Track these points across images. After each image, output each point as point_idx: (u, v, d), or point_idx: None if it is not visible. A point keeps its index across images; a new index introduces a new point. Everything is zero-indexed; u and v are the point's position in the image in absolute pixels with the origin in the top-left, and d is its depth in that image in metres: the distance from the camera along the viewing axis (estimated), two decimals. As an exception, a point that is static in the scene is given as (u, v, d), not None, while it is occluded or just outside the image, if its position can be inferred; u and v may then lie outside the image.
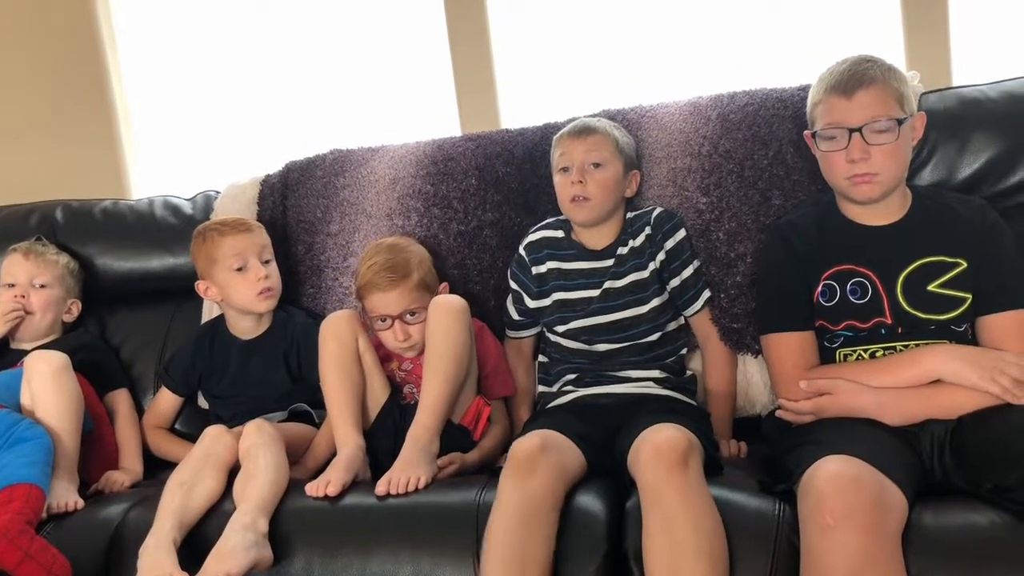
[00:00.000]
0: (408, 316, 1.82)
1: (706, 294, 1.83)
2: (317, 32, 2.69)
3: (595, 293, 1.82)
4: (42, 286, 2.08)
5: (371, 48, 2.67)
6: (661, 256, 1.81)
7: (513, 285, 1.93)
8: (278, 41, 2.72)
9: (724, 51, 2.43)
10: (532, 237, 1.92)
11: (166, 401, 2.07)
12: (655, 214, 1.84)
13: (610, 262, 1.83)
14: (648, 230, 1.83)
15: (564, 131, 1.88)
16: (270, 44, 2.73)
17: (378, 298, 1.83)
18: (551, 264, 1.87)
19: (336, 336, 1.79)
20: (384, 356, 1.87)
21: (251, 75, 2.76)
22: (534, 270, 1.89)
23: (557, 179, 1.86)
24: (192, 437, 1.81)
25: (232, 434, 1.72)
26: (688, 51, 2.46)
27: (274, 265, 1.99)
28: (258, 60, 2.75)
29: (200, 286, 2.01)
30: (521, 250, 1.92)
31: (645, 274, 1.81)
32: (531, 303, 1.89)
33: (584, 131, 1.84)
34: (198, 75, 2.79)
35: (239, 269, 1.94)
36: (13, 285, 2.07)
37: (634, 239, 1.83)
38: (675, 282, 1.82)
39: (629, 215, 1.88)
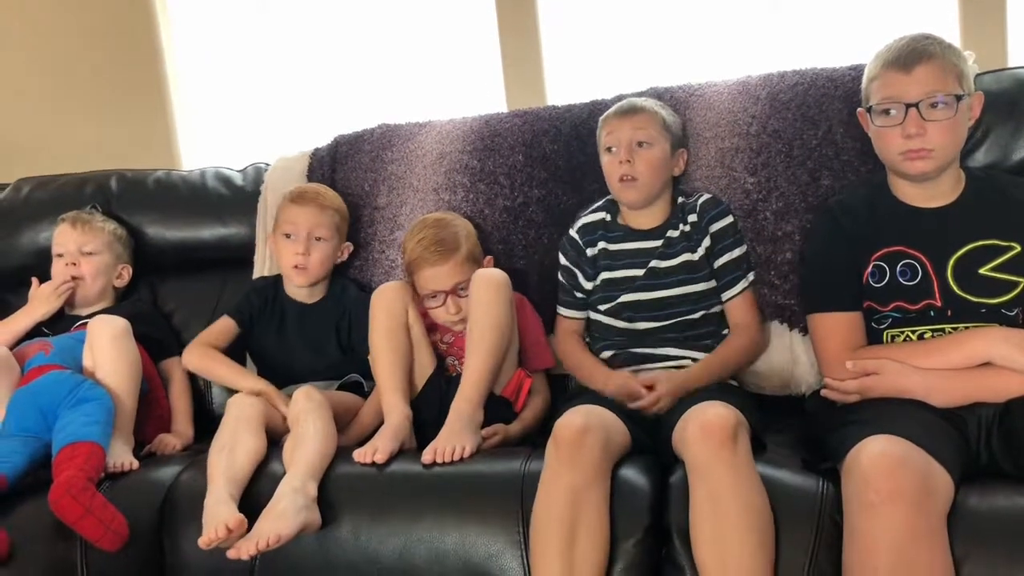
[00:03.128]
0: (460, 290, 1.85)
1: (747, 281, 1.81)
2: (367, 7, 2.71)
3: (639, 272, 1.82)
4: (90, 253, 2.12)
5: (420, 24, 2.68)
6: (707, 241, 1.81)
7: (568, 265, 1.90)
8: (328, 15, 2.74)
9: (774, 30, 2.41)
10: (584, 220, 1.91)
11: (221, 325, 2.05)
12: (701, 201, 1.84)
13: (659, 243, 1.83)
14: (694, 217, 1.82)
15: (610, 111, 1.88)
16: (320, 19, 2.75)
17: (429, 273, 1.85)
18: (601, 245, 1.87)
19: (386, 307, 1.82)
20: (426, 328, 1.89)
21: (301, 50, 2.78)
22: (588, 252, 1.88)
23: (604, 159, 1.85)
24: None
25: (253, 397, 1.78)
26: (737, 30, 2.44)
27: (325, 245, 2.01)
28: (308, 35, 2.77)
29: (270, 238, 2.09)
30: (574, 234, 1.90)
31: (695, 256, 1.81)
32: (586, 284, 1.88)
33: (630, 110, 1.84)
34: (249, 50, 2.82)
35: (288, 236, 2.00)
36: (62, 255, 2.12)
37: (684, 224, 1.83)
38: (720, 261, 1.81)
39: (680, 200, 1.86)
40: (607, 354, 1.82)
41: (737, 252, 1.82)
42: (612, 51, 2.54)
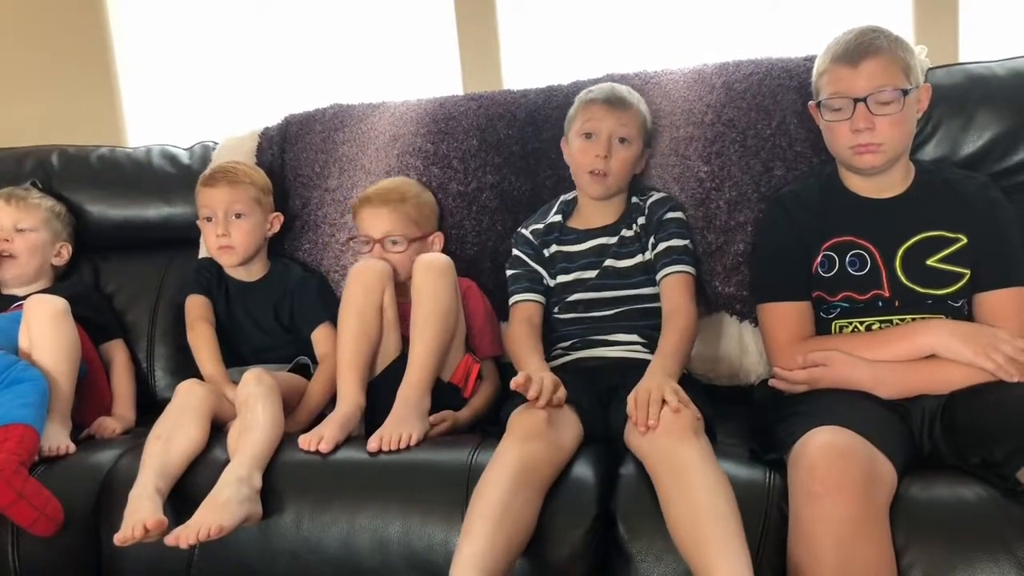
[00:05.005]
0: (389, 243, 1.86)
1: (688, 267, 1.76)
2: (321, -15, 2.67)
3: (593, 273, 1.80)
4: (26, 230, 2.06)
5: (375, 3, 2.64)
6: (653, 237, 1.79)
7: (523, 257, 1.86)
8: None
9: (731, 19, 2.41)
10: (538, 224, 1.87)
11: (196, 302, 1.98)
12: (650, 201, 1.82)
13: (613, 239, 1.81)
14: (643, 219, 1.81)
15: (596, 96, 1.81)
16: (273, -5, 2.70)
17: (366, 214, 1.89)
18: (556, 248, 1.85)
19: (363, 286, 1.77)
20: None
21: (253, 25, 2.72)
22: (545, 252, 1.85)
23: (577, 143, 1.80)
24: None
25: (204, 386, 1.74)
26: (694, 18, 2.44)
27: (245, 221, 1.96)
28: (261, 10, 2.71)
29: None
30: (527, 232, 1.87)
31: (646, 258, 1.79)
32: (550, 282, 1.85)
33: (618, 102, 1.79)
34: (199, 24, 2.76)
35: (208, 220, 1.97)
36: None
37: (635, 225, 1.82)
38: (660, 247, 1.78)
39: (634, 199, 1.85)
40: (564, 344, 1.81)
41: (678, 241, 1.78)
42: (569, 36, 2.52)
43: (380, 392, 1.75)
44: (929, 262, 1.58)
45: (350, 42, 2.66)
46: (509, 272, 1.88)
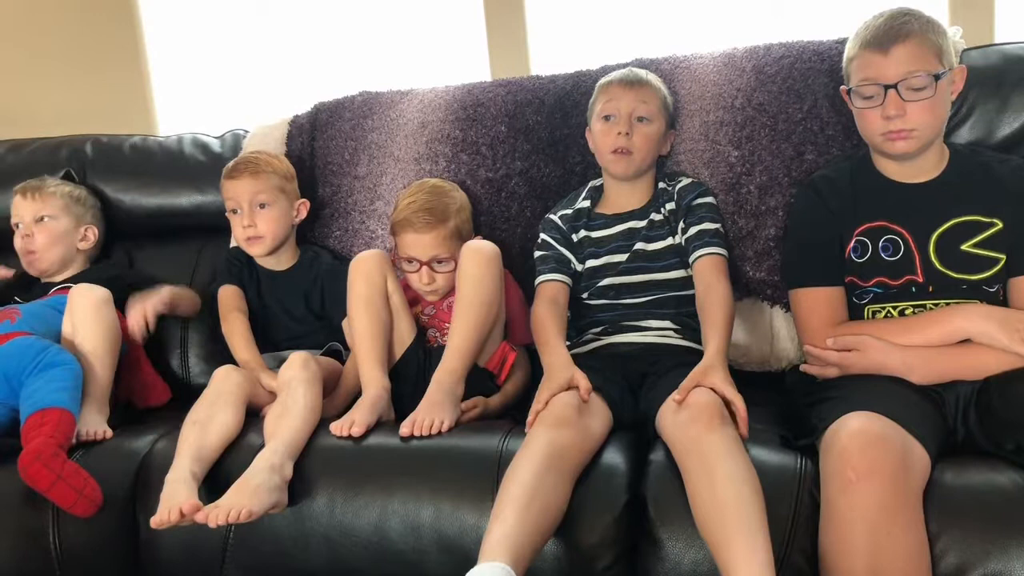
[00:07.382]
0: (436, 263, 1.83)
1: (720, 249, 1.75)
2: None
3: (623, 257, 1.80)
4: (45, 218, 2.08)
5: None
6: (683, 221, 1.79)
7: (551, 241, 1.87)
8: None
9: (761, 2, 2.39)
10: (566, 210, 1.88)
11: (229, 292, 2.02)
12: (679, 187, 1.82)
13: (642, 223, 1.81)
14: (672, 205, 1.81)
15: (612, 78, 1.84)
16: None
17: (411, 238, 1.83)
18: (584, 233, 1.85)
19: (365, 276, 1.79)
20: (408, 300, 1.87)
21: (282, 13, 2.74)
22: (573, 237, 1.85)
23: (598, 127, 1.82)
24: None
25: (240, 372, 1.76)
26: (724, 1, 2.42)
27: (270, 210, 1.98)
28: (290, -1, 2.73)
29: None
30: (556, 218, 1.87)
31: (678, 240, 1.79)
32: (577, 266, 1.85)
33: (635, 81, 1.81)
34: (229, 13, 2.77)
35: (234, 211, 1.99)
36: (19, 226, 2.09)
37: (665, 209, 1.81)
38: (692, 231, 1.77)
39: (661, 185, 1.85)
40: (595, 330, 1.81)
41: (710, 224, 1.78)
42: (597, 21, 2.51)
43: (401, 378, 1.76)
44: (963, 247, 1.56)
45: (379, 29, 2.67)
46: (537, 254, 1.88)
